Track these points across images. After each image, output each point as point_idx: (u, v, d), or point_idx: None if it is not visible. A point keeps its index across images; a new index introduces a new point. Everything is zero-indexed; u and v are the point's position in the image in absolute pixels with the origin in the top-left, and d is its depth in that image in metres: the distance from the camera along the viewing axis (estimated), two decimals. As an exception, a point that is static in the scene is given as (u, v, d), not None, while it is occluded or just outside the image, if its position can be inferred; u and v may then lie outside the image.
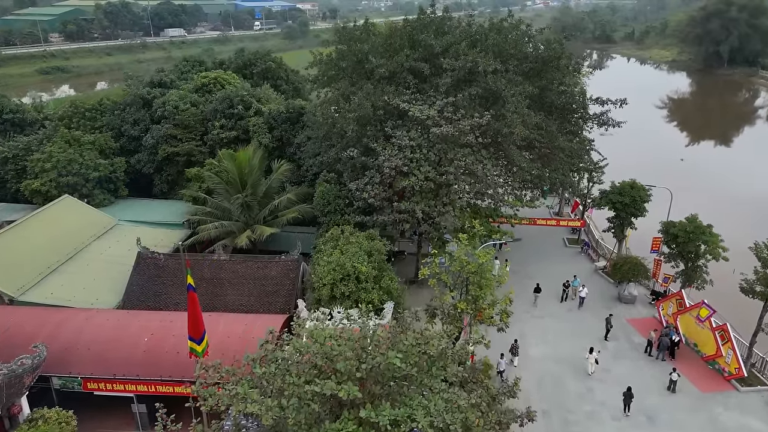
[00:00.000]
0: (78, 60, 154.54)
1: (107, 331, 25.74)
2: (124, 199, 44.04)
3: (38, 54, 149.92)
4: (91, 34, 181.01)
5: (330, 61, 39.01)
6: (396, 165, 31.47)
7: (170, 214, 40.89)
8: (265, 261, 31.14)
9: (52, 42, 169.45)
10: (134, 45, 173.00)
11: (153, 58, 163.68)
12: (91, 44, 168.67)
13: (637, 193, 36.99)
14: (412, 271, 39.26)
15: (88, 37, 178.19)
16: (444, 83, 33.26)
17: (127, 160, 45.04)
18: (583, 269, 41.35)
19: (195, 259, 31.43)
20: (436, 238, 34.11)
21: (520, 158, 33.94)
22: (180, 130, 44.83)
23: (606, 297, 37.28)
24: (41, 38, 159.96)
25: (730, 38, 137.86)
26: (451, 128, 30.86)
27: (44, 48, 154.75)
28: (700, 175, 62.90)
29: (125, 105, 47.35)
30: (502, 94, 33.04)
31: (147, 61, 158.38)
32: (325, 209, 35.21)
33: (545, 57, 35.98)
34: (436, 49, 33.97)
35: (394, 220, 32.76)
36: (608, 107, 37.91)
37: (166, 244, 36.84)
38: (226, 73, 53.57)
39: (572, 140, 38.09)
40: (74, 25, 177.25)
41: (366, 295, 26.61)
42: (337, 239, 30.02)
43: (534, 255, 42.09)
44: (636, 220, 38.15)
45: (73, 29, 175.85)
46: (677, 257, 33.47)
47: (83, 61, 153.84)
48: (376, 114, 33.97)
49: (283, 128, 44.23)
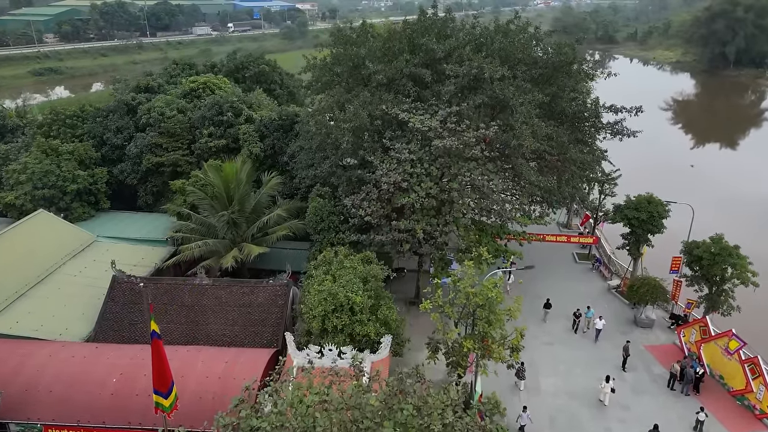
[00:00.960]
0: (72, 61, 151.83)
1: (73, 370, 23.10)
2: (105, 212, 41.37)
3: (32, 55, 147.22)
4: (86, 35, 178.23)
5: (324, 65, 36.37)
6: (395, 180, 28.84)
7: (154, 229, 38.21)
8: (251, 285, 28.49)
9: (46, 43, 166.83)
10: (130, 46, 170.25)
11: (149, 59, 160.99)
12: (86, 45, 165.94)
13: (654, 209, 34.33)
14: (413, 289, 36.64)
15: (84, 38, 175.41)
16: (447, 91, 30.63)
17: (110, 171, 42.37)
18: (594, 288, 38.74)
19: (175, 283, 28.79)
20: (438, 258, 31.52)
21: (529, 172, 31.29)
22: (166, 138, 42.16)
23: (621, 320, 34.61)
24: (34, 39, 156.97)
25: (736, 39, 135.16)
26: (455, 141, 28.22)
27: (38, 49, 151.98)
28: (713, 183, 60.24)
29: (108, 111, 44.68)
30: (510, 102, 30.41)
31: (143, 62, 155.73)
32: (318, 227, 32.57)
33: (556, 62, 33.31)
34: (439, 54, 31.34)
35: (393, 239, 30.12)
36: (623, 116, 35.18)
37: (148, 263, 34.22)
38: (217, 77, 50.89)
39: (584, 151, 35.41)
40: (69, 25, 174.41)
41: (361, 328, 23.97)
42: (329, 263, 27.37)
43: (541, 271, 39.27)
44: (653, 237, 35.46)
45: (68, 30, 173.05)
46: (701, 280, 30.82)
47: (77, 62, 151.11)
48: (373, 124, 31.34)
49: (275, 136, 41.58)
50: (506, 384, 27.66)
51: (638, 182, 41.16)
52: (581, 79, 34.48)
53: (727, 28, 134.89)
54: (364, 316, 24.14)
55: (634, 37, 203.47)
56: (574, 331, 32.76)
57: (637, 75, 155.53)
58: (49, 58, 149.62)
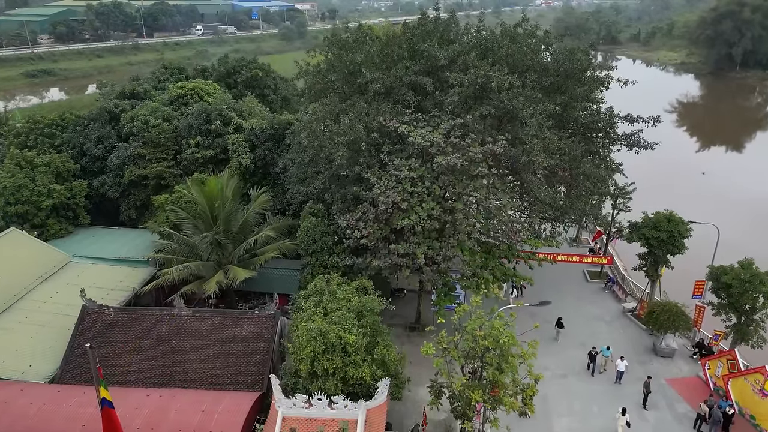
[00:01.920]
0: (66, 62, 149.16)
1: (30, 421, 20.51)
2: (84, 228, 38.71)
3: (25, 56, 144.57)
4: (82, 36, 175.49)
5: (318, 72, 33.72)
6: (394, 200, 26.21)
7: (135, 247, 35.57)
8: (235, 317, 25.83)
9: (41, 44, 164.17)
10: (126, 47, 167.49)
11: (145, 60, 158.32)
12: (81, 46, 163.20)
13: (675, 228, 31.66)
14: (413, 312, 34.02)
15: (79, 39, 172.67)
16: (450, 102, 27.99)
17: (90, 183, 39.74)
18: (608, 310, 36.08)
19: (151, 314, 26.14)
20: (441, 284, 28.90)
21: (540, 189, 28.65)
22: (149, 149, 39.50)
23: (639, 348, 31.97)
24: (28, 40, 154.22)
25: (743, 40, 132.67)
26: (460, 158, 25.56)
27: (31, 50, 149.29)
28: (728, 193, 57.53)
29: (89, 120, 42.06)
30: (520, 114, 27.77)
31: (138, 63, 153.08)
32: (309, 248, 29.93)
33: (568, 70, 30.66)
34: (441, 62, 28.68)
35: (392, 263, 27.47)
36: (640, 126, 32.49)
37: (126, 287, 31.58)
38: (206, 82, 48.25)
39: (598, 165, 32.71)
40: (64, 26, 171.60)
41: (355, 370, 21.32)
42: (321, 293, 24.71)
43: (550, 291, 36.57)
44: (672, 258, 32.81)
45: (64, 30, 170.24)
46: (728, 309, 28.16)
47: (72, 64, 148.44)
48: (369, 137, 28.68)
49: (266, 147, 38.90)
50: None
51: (646, 191, 38.55)
52: (595, 87, 31.80)
53: (734, 29, 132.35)
54: (358, 357, 21.50)
55: (637, 38, 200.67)
56: (590, 372, 29.72)
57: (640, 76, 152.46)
58: (43, 60, 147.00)
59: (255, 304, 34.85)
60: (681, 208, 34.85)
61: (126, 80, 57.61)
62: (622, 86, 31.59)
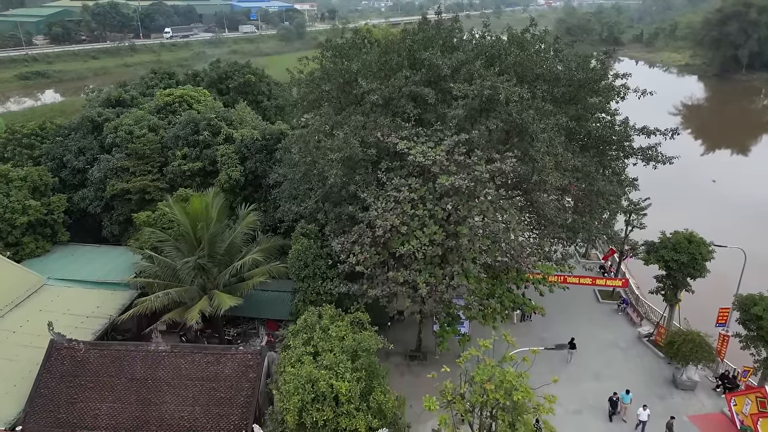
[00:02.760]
0: (61, 64, 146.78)
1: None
2: (63, 246, 36.36)
3: (19, 58, 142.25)
4: (78, 37, 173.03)
5: (311, 81, 31.42)
6: (392, 224, 23.90)
7: (116, 267, 33.23)
8: (217, 353, 23.48)
9: (36, 45, 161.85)
10: (122, 48, 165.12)
11: (141, 61, 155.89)
12: (77, 47, 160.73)
13: (696, 250, 29.30)
14: (413, 338, 31.71)
15: (75, 40, 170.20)
16: (454, 115, 25.64)
17: (70, 197, 37.41)
18: (622, 335, 33.72)
19: (125, 350, 23.80)
20: (444, 314, 26.59)
21: (552, 211, 26.30)
22: (133, 161, 37.18)
23: (657, 379, 29.65)
24: (22, 41, 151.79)
25: (749, 42, 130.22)
26: (465, 178, 23.23)
27: (26, 52, 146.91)
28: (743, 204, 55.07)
29: (71, 130, 39.73)
30: (530, 129, 25.43)
31: (135, 64, 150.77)
32: (301, 273, 27.61)
33: (582, 79, 28.32)
34: (444, 71, 26.32)
35: (390, 292, 25.15)
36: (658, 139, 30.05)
37: (104, 314, 29.28)
38: (196, 89, 45.90)
39: (612, 181, 30.32)
40: (60, 27, 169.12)
41: (348, 421, 18.99)
42: (312, 328, 22.39)
43: (559, 313, 34.34)
44: (693, 281, 30.44)
45: (59, 31, 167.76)
46: (758, 342, 25.80)
47: (67, 66, 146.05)
48: (366, 153, 26.34)
49: (257, 158, 36.54)
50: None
51: (655, 201, 36.11)
52: (611, 97, 29.41)
53: (740, 30, 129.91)
54: (351, 407, 19.17)
55: (639, 39, 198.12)
56: (610, 418, 27.02)
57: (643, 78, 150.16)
58: (37, 61, 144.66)
59: (243, 329, 32.58)
60: (698, 223, 32.56)
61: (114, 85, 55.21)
62: (639, 97, 29.26)
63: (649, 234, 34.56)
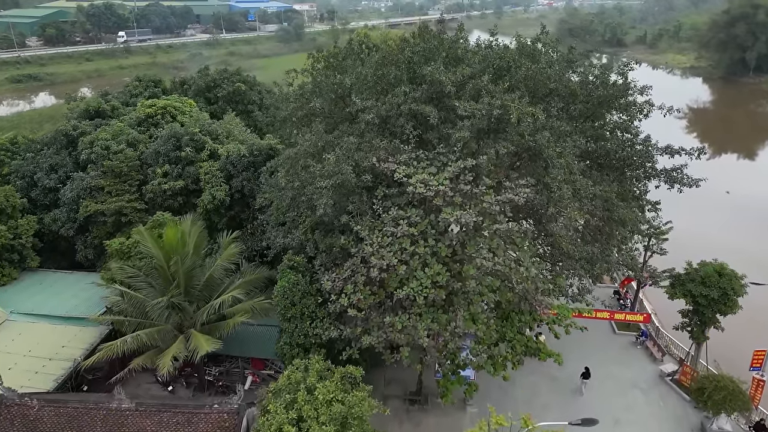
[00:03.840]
0: (54, 66, 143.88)
1: None
2: (33, 272, 33.53)
3: (11, 60, 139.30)
4: (72, 38, 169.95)
5: (301, 95, 28.48)
6: (389, 263, 20.98)
7: (87, 299, 30.35)
8: (189, 412, 20.55)
9: (29, 47, 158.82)
10: (117, 49, 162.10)
11: (136, 63, 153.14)
12: (71, 49, 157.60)
13: (728, 284, 26.39)
14: (413, 378, 28.78)
15: (70, 41, 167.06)
16: (460, 138, 22.67)
17: (41, 219, 34.52)
18: (642, 373, 30.77)
19: (84, 408, 20.84)
20: (447, 362, 23.67)
21: (569, 245, 23.38)
22: (109, 179, 34.29)
23: (684, 427, 26.73)
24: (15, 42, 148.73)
25: (758, 44, 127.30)
26: (473, 213, 20.29)
27: (18, 54, 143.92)
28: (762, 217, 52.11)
29: (43, 144, 36.82)
30: (545, 153, 22.49)
31: (129, 67, 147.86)
32: (287, 313, 24.68)
33: (602, 97, 25.35)
34: (448, 88, 23.36)
35: (386, 339, 22.22)
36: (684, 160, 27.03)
37: (69, 356, 26.39)
38: (181, 98, 42.97)
39: (631, 206, 27.32)
40: (54, 28, 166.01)
41: None
42: (296, 386, 19.45)
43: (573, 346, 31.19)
44: (723, 318, 27.53)
45: (53, 33, 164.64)
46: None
47: (59, 68, 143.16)
48: (360, 179, 23.41)
49: (244, 176, 33.67)
50: None
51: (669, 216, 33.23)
52: (634, 116, 26.44)
53: (748, 32, 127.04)
54: (341, 490, 16.28)
55: (643, 40, 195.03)
56: None
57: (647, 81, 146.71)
58: (30, 64, 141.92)
59: (226, 368, 29.72)
60: (720, 245, 29.69)
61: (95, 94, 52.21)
62: (665, 114, 26.36)
63: (670, 260, 31.71)
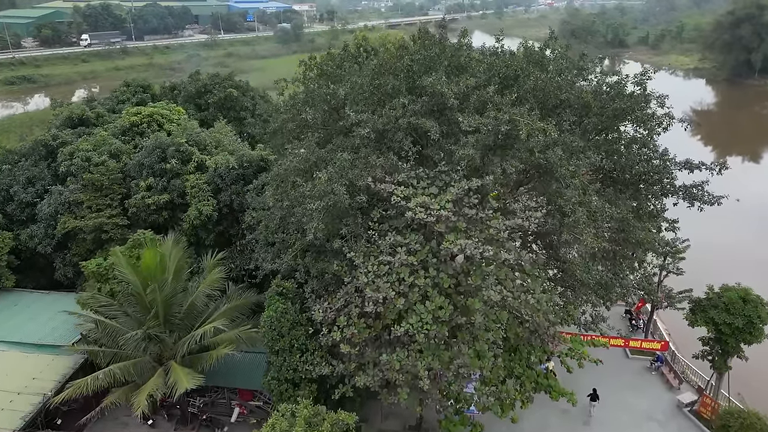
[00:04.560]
0: (50, 68, 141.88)
1: None
2: (8, 293, 31.54)
3: (6, 61, 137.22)
4: (68, 39, 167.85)
5: (292, 106, 26.42)
6: (386, 296, 18.96)
7: (63, 323, 28.26)
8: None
9: (25, 48, 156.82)
10: (113, 50, 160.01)
11: (132, 65, 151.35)
12: (66, 50, 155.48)
13: (753, 312, 24.33)
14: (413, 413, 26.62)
15: (66, 42, 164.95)
16: (464, 156, 20.60)
17: (18, 235, 32.49)
18: (658, 403, 28.68)
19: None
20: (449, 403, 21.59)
21: (585, 273, 21.34)
22: (90, 193, 32.23)
23: (705, 466, 24.71)
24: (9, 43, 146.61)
25: (763, 46, 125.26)
26: (479, 244, 18.23)
27: (12, 55, 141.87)
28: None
29: (21, 156, 34.77)
30: (557, 172, 20.43)
31: (126, 68, 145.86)
32: (275, 345, 22.62)
33: (617, 109, 23.27)
34: (450, 101, 21.30)
35: (383, 379, 20.19)
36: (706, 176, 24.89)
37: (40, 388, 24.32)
38: (169, 106, 40.88)
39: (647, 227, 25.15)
40: (50, 29, 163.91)
41: None
42: (282, 436, 17.41)
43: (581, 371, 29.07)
44: (747, 347, 25.46)
45: (49, 34, 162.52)
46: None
47: (55, 69, 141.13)
48: (354, 200, 21.37)
49: (233, 190, 31.66)
50: None
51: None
52: (653, 130, 24.36)
53: (753, 34, 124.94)
54: None
55: (645, 41, 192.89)
56: None
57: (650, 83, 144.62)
58: (24, 65, 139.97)
59: (212, 398, 27.61)
60: (737, 261, 27.66)
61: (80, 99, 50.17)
62: (685, 128, 24.34)
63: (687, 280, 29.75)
